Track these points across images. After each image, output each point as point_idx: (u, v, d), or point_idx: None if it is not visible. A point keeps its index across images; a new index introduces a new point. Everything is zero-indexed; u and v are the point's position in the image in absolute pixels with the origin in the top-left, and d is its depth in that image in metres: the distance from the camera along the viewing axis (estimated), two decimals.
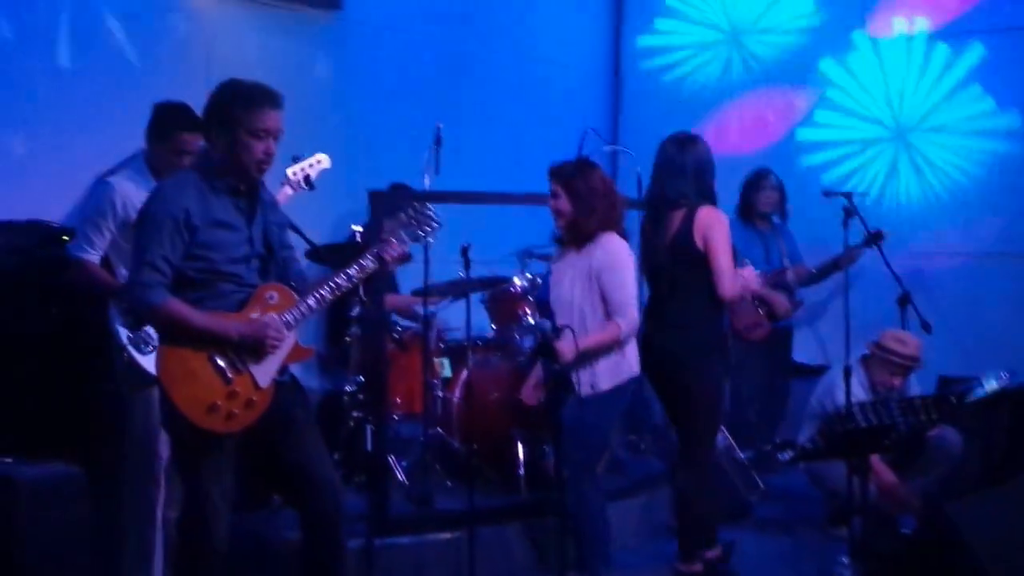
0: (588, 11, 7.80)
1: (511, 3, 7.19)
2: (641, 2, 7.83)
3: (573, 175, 4.14)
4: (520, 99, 7.21)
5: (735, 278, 4.21)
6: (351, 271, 3.43)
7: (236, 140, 3.22)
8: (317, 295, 3.37)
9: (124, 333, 3.89)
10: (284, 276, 3.46)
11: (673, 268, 4.29)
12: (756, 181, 6.19)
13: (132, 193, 3.91)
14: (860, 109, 6.85)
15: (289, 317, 3.32)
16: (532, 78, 7.30)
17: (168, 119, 4.01)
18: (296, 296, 3.39)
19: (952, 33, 6.51)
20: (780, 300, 5.94)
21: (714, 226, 4.22)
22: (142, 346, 3.91)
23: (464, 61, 6.87)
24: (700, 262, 4.22)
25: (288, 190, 4.26)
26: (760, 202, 6.15)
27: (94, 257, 3.95)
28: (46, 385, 4.25)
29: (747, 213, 6.17)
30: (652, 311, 4.44)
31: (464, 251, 4.92)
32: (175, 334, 3.21)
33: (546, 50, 7.41)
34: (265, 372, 3.29)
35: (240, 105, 3.22)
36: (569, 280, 4.17)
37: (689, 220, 4.25)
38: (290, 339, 3.34)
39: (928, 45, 6.61)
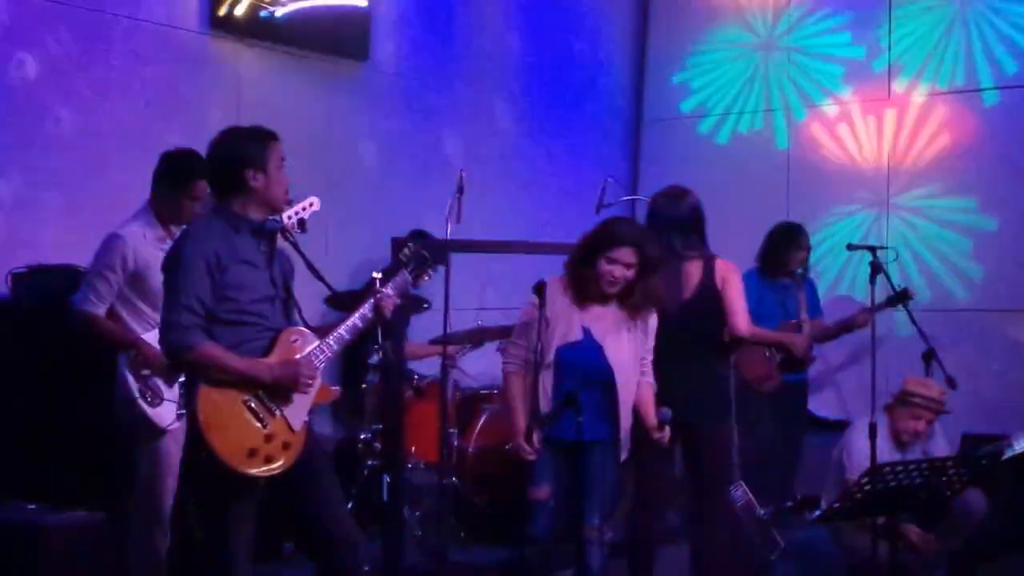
0: (609, 62, 7.84)
1: (532, 54, 7.24)
2: (665, 54, 7.87)
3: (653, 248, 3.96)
4: (541, 149, 7.24)
5: (748, 318, 4.22)
6: (366, 311, 3.46)
7: (270, 175, 3.31)
8: (337, 335, 3.40)
9: (134, 385, 3.88)
10: (296, 320, 3.46)
11: (694, 322, 4.23)
12: (792, 239, 6.03)
13: (141, 245, 3.97)
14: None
15: (315, 358, 3.34)
16: (553, 128, 7.33)
17: (185, 167, 4.05)
18: (318, 338, 3.40)
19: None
20: (800, 340, 5.81)
21: (733, 274, 4.26)
22: (150, 398, 3.90)
23: (486, 111, 6.92)
24: (719, 312, 4.20)
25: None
26: (793, 261, 6.04)
27: (100, 309, 3.95)
28: (69, 431, 4.24)
29: (773, 268, 6.02)
30: (667, 367, 4.26)
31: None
32: (209, 378, 3.20)
33: (567, 100, 7.45)
34: (297, 414, 3.30)
35: (266, 143, 3.32)
36: (626, 341, 4.02)
37: (710, 271, 4.23)
38: (318, 379, 3.35)
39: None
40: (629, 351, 3.96)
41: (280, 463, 3.23)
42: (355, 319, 3.43)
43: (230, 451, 3.15)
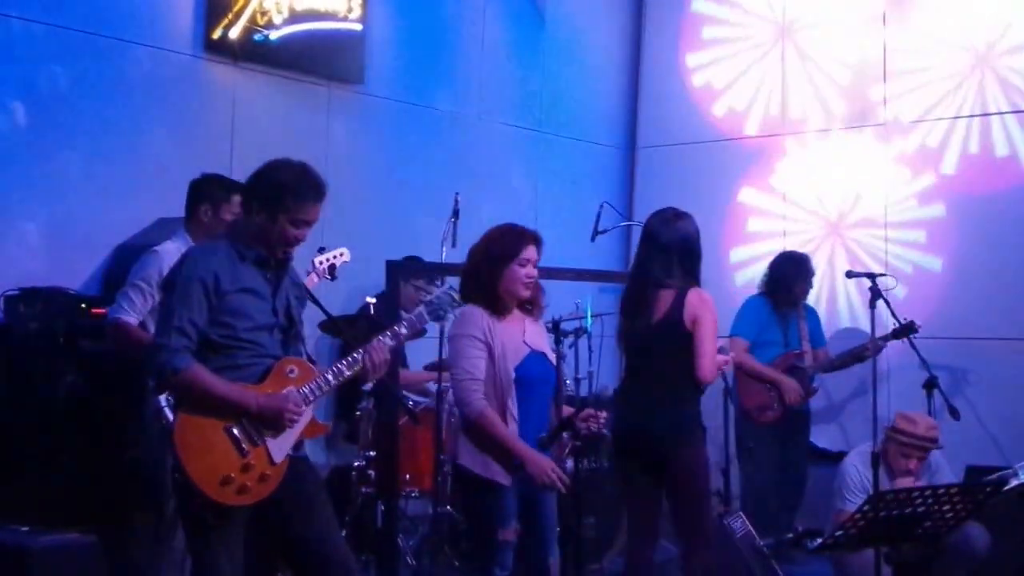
0: (605, 87, 7.85)
1: (527, 80, 7.25)
2: (658, 80, 7.88)
3: None
4: (537, 173, 7.23)
5: (715, 363, 4.13)
6: (387, 335, 3.46)
7: (275, 222, 3.26)
8: (335, 370, 3.37)
9: (163, 398, 3.87)
10: (299, 350, 3.45)
11: (659, 349, 4.17)
12: (802, 270, 6.01)
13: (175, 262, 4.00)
14: None
15: (307, 391, 3.30)
16: (548, 153, 7.33)
17: (220, 184, 4.25)
18: (315, 371, 3.37)
19: None
20: (790, 386, 5.82)
21: (704, 310, 4.13)
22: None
23: (481, 135, 6.91)
24: (687, 345, 4.11)
25: (314, 277, 4.55)
26: (800, 292, 6.01)
27: (132, 319, 4.07)
28: (68, 453, 4.28)
29: (779, 297, 5.98)
30: (633, 392, 4.29)
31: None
32: (194, 401, 3.18)
33: (562, 125, 7.44)
34: (280, 447, 3.26)
35: (291, 196, 3.26)
36: (545, 340, 3.99)
37: (680, 302, 4.14)
38: (307, 414, 3.31)
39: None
40: (549, 348, 3.91)
41: (254, 495, 3.20)
42: (357, 354, 3.39)
43: (202, 476, 3.14)
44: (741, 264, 7.16)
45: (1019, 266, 6.22)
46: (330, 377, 3.35)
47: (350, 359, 3.39)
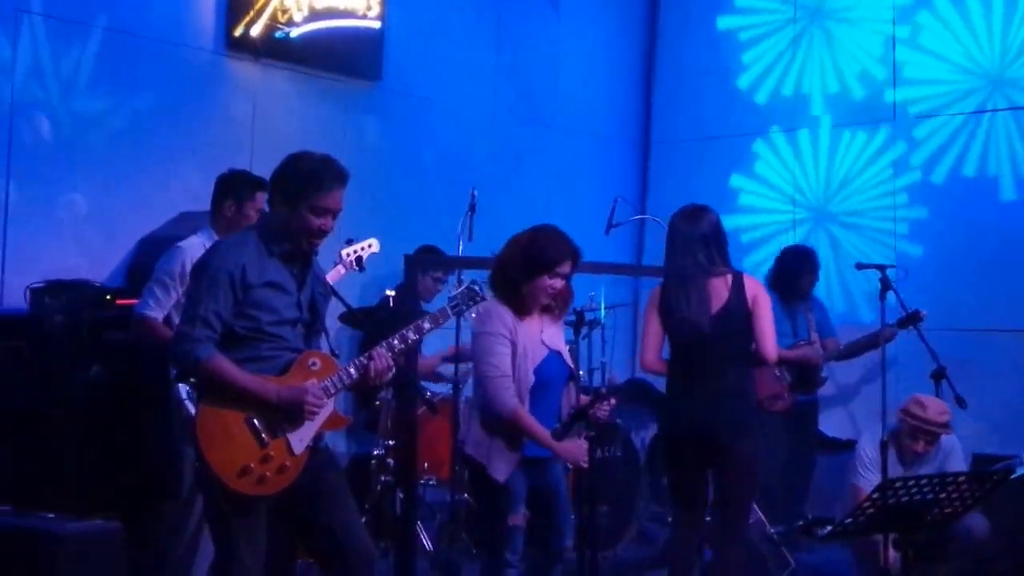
0: (619, 83, 7.91)
1: (543, 74, 7.32)
2: (672, 74, 7.93)
3: None
4: (552, 168, 7.29)
5: (776, 343, 4.22)
6: (393, 341, 3.44)
7: (297, 213, 3.25)
8: (357, 363, 3.38)
9: (183, 388, 3.94)
10: (319, 344, 3.47)
11: (723, 338, 4.17)
12: (807, 264, 6.06)
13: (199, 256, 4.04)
14: None
15: (329, 384, 3.32)
16: (563, 148, 7.40)
17: (246, 180, 4.26)
18: (337, 364, 3.39)
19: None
20: (811, 352, 5.85)
21: (761, 291, 4.25)
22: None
23: (498, 130, 6.98)
24: (748, 330, 4.18)
25: (341, 269, 4.57)
26: (807, 285, 6.06)
27: (157, 315, 4.10)
28: (92, 441, 4.32)
29: (785, 290, 6.01)
30: (695, 383, 4.26)
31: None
32: (216, 391, 3.21)
33: (576, 121, 7.51)
34: (301, 438, 3.28)
35: (312, 184, 3.24)
36: (562, 340, 4.06)
37: (739, 287, 4.20)
38: (328, 406, 3.33)
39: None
40: (564, 347, 3.98)
41: (272, 486, 3.21)
42: (381, 347, 3.38)
43: (223, 466, 3.15)
44: (753, 257, 7.23)
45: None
46: (352, 371, 3.35)
47: (366, 357, 3.39)
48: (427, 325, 3.52)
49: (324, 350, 3.46)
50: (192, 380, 3.56)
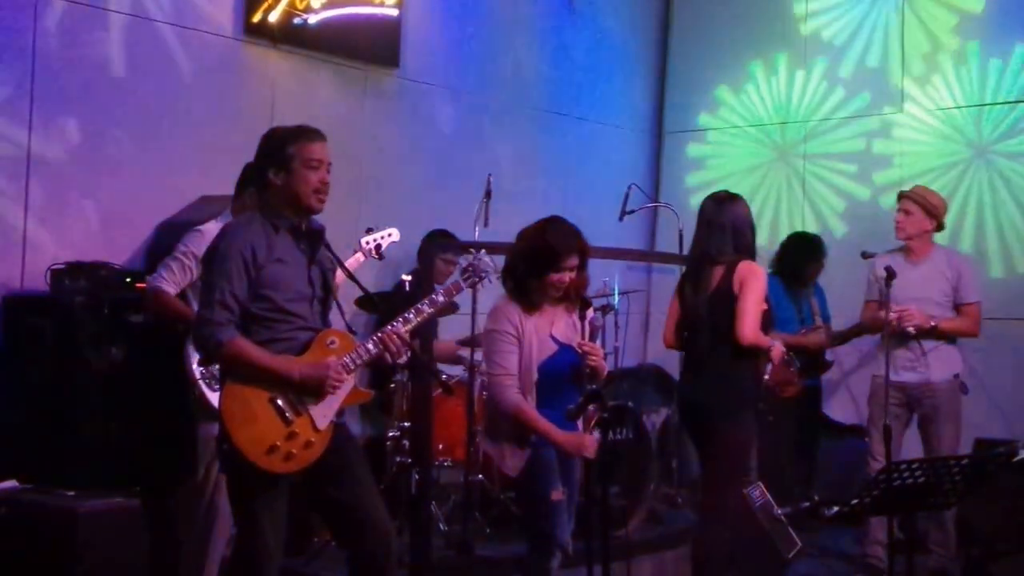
0: (634, 74, 7.95)
1: (559, 64, 7.36)
2: (686, 67, 7.98)
3: None
4: (566, 156, 7.35)
5: (756, 326, 4.27)
6: (409, 314, 3.52)
7: (293, 173, 3.33)
8: (375, 339, 3.44)
9: (197, 369, 4.02)
10: (335, 321, 3.54)
11: (712, 321, 4.34)
12: (814, 252, 6.11)
13: None
14: None
15: (348, 360, 3.39)
16: (578, 136, 7.45)
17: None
18: (355, 341, 3.47)
19: None
20: (811, 338, 5.91)
21: (752, 276, 4.31)
22: (212, 382, 4.03)
23: (513, 119, 7.03)
24: (734, 313, 4.27)
25: (360, 256, 4.62)
26: (812, 272, 6.12)
27: (170, 287, 4.13)
28: (112, 421, 4.39)
29: (790, 277, 6.08)
30: (690, 365, 4.49)
31: None
32: (239, 373, 3.28)
33: (591, 110, 7.55)
34: (324, 414, 3.35)
35: (297, 140, 3.35)
36: (576, 331, 4.00)
37: (730, 273, 4.32)
38: (349, 382, 3.40)
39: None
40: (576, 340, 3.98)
41: (300, 461, 3.29)
42: (397, 323, 3.45)
43: (250, 446, 3.22)
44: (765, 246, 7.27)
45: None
46: (371, 346, 3.42)
47: (387, 329, 3.45)
48: (441, 298, 3.59)
49: (341, 328, 3.53)
50: (216, 365, 3.61)
